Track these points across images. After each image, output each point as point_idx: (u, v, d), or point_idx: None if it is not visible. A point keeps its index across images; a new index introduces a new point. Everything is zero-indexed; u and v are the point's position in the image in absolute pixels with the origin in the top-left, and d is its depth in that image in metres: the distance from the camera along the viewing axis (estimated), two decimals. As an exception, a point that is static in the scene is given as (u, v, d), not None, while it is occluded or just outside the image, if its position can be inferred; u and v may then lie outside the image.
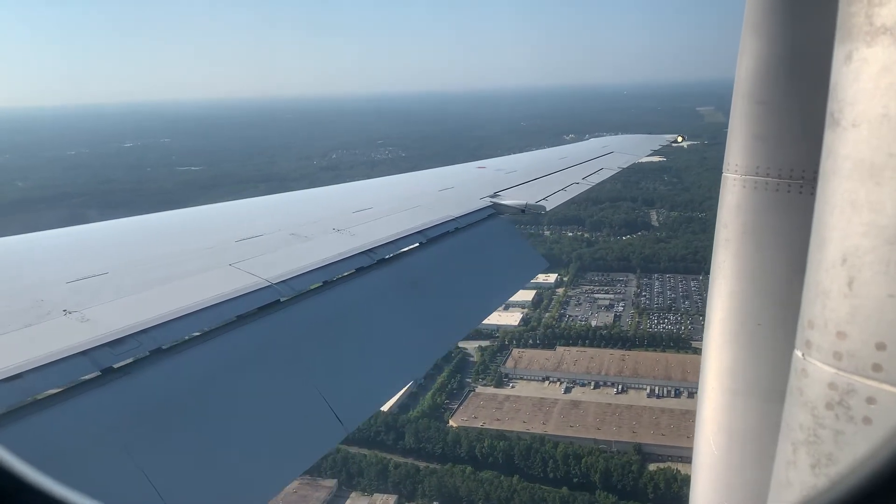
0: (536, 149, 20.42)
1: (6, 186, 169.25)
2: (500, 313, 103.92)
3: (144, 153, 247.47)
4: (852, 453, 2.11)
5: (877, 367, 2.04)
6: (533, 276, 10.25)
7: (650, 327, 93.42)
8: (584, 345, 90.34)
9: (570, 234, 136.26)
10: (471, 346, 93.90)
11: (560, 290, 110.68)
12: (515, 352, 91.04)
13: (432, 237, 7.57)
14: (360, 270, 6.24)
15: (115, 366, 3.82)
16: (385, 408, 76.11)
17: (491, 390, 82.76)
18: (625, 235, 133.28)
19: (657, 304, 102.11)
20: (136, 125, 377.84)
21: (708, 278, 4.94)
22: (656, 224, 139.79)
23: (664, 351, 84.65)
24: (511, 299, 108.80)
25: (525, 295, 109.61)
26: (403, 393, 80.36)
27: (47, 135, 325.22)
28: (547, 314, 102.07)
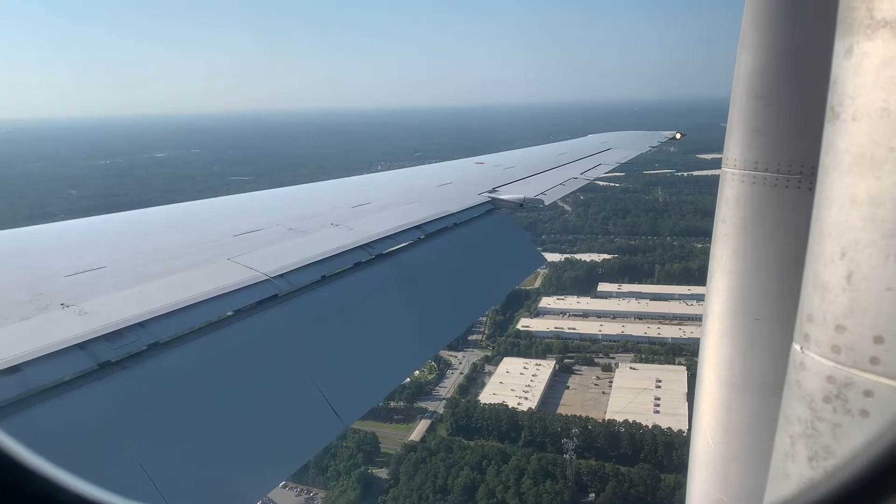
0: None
1: (60, 195, 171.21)
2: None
3: (181, 163, 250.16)
4: (850, 446, 2.11)
5: (875, 361, 2.05)
6: (531, 272, 10.28)
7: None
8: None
9: (699, 245, 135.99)
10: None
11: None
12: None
13: (431, 232, 7.57)
14: (358, 265, 6.23)
15: (113, 359, 3.82)
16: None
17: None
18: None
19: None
20: (156, 136, 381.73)
21: None
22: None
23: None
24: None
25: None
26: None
27: (69, 145, 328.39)
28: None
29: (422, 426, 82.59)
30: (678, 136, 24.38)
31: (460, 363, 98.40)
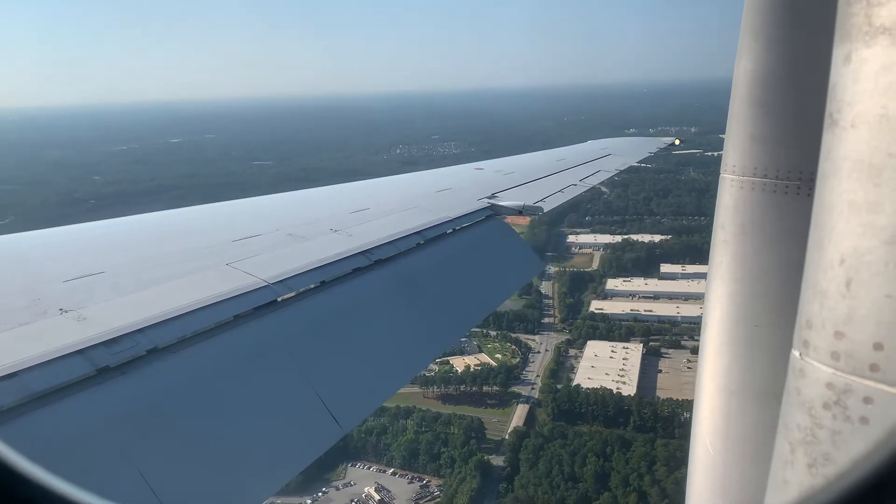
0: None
1: (85, 182, 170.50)
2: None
3: (199, 148, 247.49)
4: (849, 453, 2.11)
5: (874, 368, 2.04)
6: (531, 277, 10.29)
7: None
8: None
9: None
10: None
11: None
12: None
13: (430, 238, 7.57)
14: (357, 271, 6.23)
15: (112, 365, 3.81)
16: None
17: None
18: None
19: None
20: (163, 123, 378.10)
21: None
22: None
23: None
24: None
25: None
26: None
27: (74, 132, 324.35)
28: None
29: (520, 411, 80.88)
30: (677, 142, 24.51)
31: (540, 346, 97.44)
